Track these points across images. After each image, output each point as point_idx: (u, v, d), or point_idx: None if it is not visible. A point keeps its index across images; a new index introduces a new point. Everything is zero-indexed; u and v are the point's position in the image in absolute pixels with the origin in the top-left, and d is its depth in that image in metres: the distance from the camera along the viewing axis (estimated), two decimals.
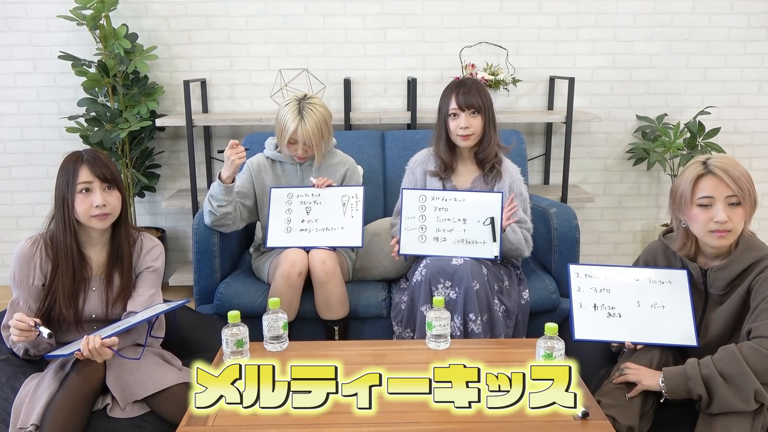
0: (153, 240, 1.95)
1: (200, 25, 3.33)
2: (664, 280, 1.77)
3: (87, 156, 1.79)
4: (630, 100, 3.50)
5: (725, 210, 1.62)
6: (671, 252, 1.82)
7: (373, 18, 3.34)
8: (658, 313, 1.74)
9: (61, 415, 1.59)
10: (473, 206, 2.22)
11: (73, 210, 1.77)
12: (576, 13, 3.37)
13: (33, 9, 3.29)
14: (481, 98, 2.28)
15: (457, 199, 2.24)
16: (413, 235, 2.22)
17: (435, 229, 2.22)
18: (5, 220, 3.56)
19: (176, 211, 3.57)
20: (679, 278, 1.77)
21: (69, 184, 1.76)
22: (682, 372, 1.59)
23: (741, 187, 1.61)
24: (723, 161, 1.65)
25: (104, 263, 1.86)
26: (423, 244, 2.22)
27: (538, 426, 1.44)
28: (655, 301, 1.75)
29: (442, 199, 2.24)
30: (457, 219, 2.22)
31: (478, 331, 2.09)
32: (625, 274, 1.81)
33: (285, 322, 1.81)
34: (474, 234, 2.20)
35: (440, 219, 2.22)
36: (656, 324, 1.72)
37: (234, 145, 2.26)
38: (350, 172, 2.52)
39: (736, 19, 3.39)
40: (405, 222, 2.23)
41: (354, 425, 1.45)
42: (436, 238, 2.22)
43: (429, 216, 2.23)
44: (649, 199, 3.64)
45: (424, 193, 2.25)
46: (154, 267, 1.91)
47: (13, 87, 3.39)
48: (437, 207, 2.23)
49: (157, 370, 1.72)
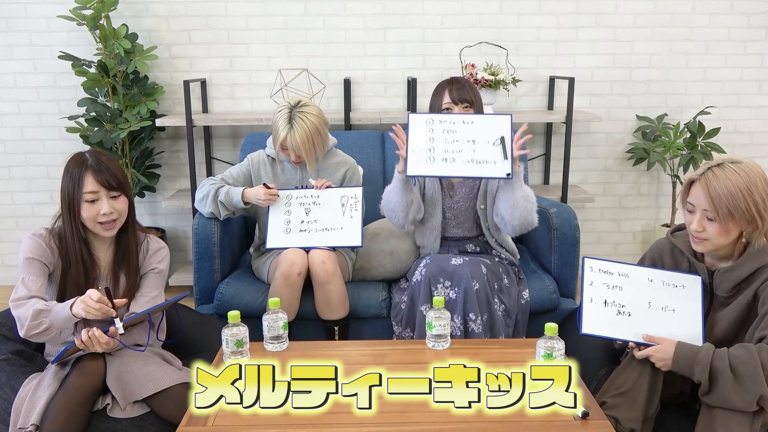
0: (159, 242, 1.96)
1: (200, 25, 3.33)
2: (678, 284, 1.75)
3: (92, 162, 1.78)
4: (630, 100, 3.50)
5: (701, 221, 1.65)
6: (678, 251, 1.81)
7: (373, 18, 3.34)
8: (668, 315, 1.72)
9: (61, 415, 1.59)
10: (482, 128, 2.14)
11: (79, 216, 1.78)
12: (576, 13, 3.37)
13: (33, 9, 3.29)
14: (473, 93, 2.32)
15: (465, 121, 2.16)
16: (420, 156, 2.12)
17: (444, 150, 2.12)
18: (5, 220, 3.56)
19: (176, 211, 3.57)
20: (693, 284, 1.75)
21: (75, 191, 1.76)
22: (693, 354, 1.59)
23: (717, 207, 1.60)
24: (721, 174, 1.61)
25: (111, 263, 1.88)
26: (431, 165, 2.12)
27: (538, 426, 1.44)
28: (666, 303, 1.74)
29: (450, 122, 2.16)
30: (467, 140, 2.13)
31: (478, 330, 2.09)
32: (639, 273, 1.79)
33: (285, 322, 1.81)
34: (484, 154, 2.11)
35: (449, 141, 2.13)
36: (664, 326, 1.71)
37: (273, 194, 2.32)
38: (350, 172, 2.52)
39: (736, 19, 3.39)
40: (412, 144, 2.13)
41: (354, 425, 1.45)
42: (444, 159, 2.12)
43: (437, 138, 2.13)
44: (649, 199, 3.64)
45: (431, 116, 2.17)
46: (159, 269, 1.92)
47: (13, 87, 3.39)
48: (445, 130, 2.14)
49: (158, 370, 1.72)
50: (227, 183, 2.44)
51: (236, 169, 2.49)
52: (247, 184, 2.47)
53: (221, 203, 2.36)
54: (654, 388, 1.66)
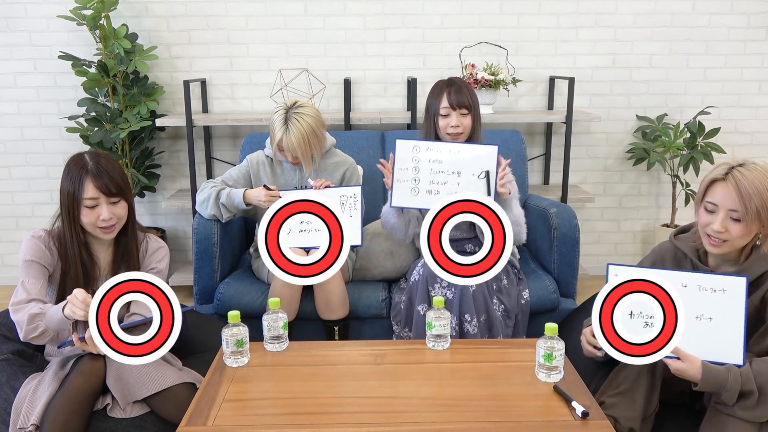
0: (159, 242, 1.96)
1: (200, 25, 3.33)
2: (717, 288, 1.58)
3: (92, 166, 1.76)
4: (630, 100, 3.50)
5: (724, 221, 1.59)
6: (681, 254, 1.78)
7: (373, 18, 3.34)
8: (704, 325, 1.58)
9: (61, 415, 1.59)
10: (468, 159, 2.15)
11: (79, 220, 1.78)
12: (576, 13, 3.37)
13: (33, 9, 3.29)
14: (471, 97, 2.29)
15: (452, 151, 2.17)
16: (405, 187, 2.15)
17: (428, 181, 2.15)
18: (5, 220, 3.56)
19: (176, 211, 3.57)
20: (737, 287, 1.57)
21: (75, 196, 1.75)
22: (722, 379, 1.51)
23: (747, 207, 1.55)
24: (749, 174, 1.57)
25: (111, 263, 1.88)
26: (415, 197, 2.16)
27: (539, 426, 1.44)
28: (702, 311, 1.58)
29: (437, 151, 2.16)
30: (452, 172, 2.15)
31: (474, 332, 2.09)
32: (670, 277, 1.58)
33: (285, 322, 1.81)
34: (468, 187, 2.14)
35: (434, 171, 2.15)
36: (699, 337, 1.57)
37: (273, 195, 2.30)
38: (350, 172, 2.51)
39: (736, 19, 3.39)
40: (398, 174, 2.16)
41: (354, 425, 1.45)
42: (429, 190, 2.16)
43: (422, 168, 2.15)
44: (649, 199, 3.64)
45: (418, 143, 2.17)
46: (158, 269, 1.92)
47: (13, 87, 3.39)
48: (431, 159, 2.16)
49: (157, 370, 1.72)
50: (227, 185, 2.44)
51: (236, 171, 2.49)
52: (247, 185, 2.47)
53: (223, 205, 2.36)
54: (653, 387, 1.66)
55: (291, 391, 1.59)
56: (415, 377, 1.65)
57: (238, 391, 1.59)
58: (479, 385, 1.60)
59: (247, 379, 1.66)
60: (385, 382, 1.63)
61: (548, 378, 1.61)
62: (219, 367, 1.71)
